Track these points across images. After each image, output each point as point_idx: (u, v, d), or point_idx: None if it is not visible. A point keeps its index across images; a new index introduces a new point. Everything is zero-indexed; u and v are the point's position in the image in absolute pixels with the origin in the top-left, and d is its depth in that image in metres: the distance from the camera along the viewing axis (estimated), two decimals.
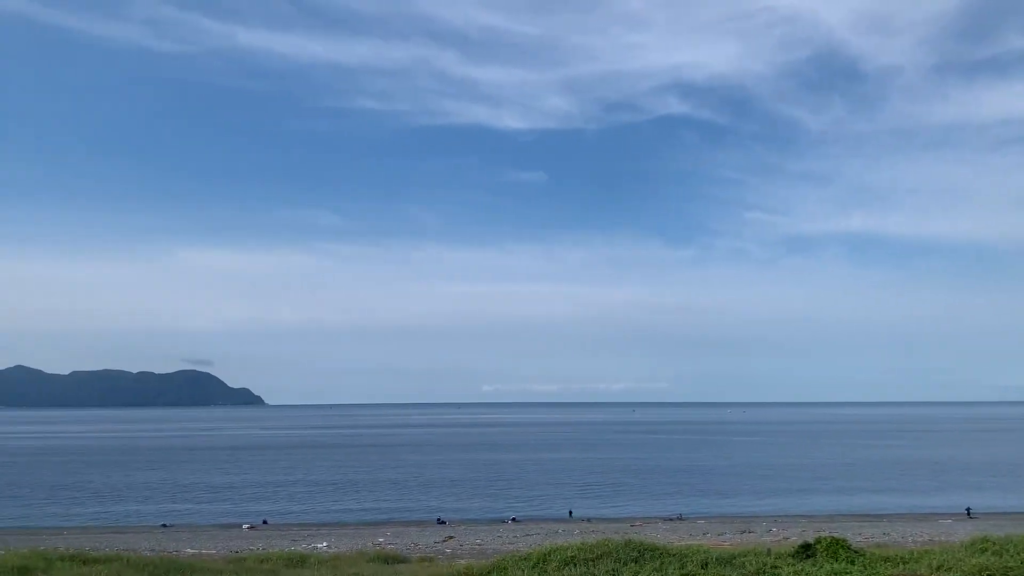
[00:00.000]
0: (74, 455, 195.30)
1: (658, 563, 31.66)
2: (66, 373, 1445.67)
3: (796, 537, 59.74)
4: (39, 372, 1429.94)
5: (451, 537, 71.84)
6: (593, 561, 32.05)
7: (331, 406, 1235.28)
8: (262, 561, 40.39)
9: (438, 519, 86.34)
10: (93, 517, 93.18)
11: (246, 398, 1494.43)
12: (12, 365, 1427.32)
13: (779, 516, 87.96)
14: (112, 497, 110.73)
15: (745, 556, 33.51)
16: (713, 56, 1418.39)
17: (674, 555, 32.71)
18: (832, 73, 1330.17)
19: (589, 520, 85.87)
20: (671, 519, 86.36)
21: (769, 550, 36.24)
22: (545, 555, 33.44)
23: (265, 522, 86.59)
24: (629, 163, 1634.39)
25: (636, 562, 31.95)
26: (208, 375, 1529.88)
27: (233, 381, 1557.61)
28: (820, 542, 36.41)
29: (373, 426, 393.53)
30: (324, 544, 67.26)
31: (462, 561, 42.15)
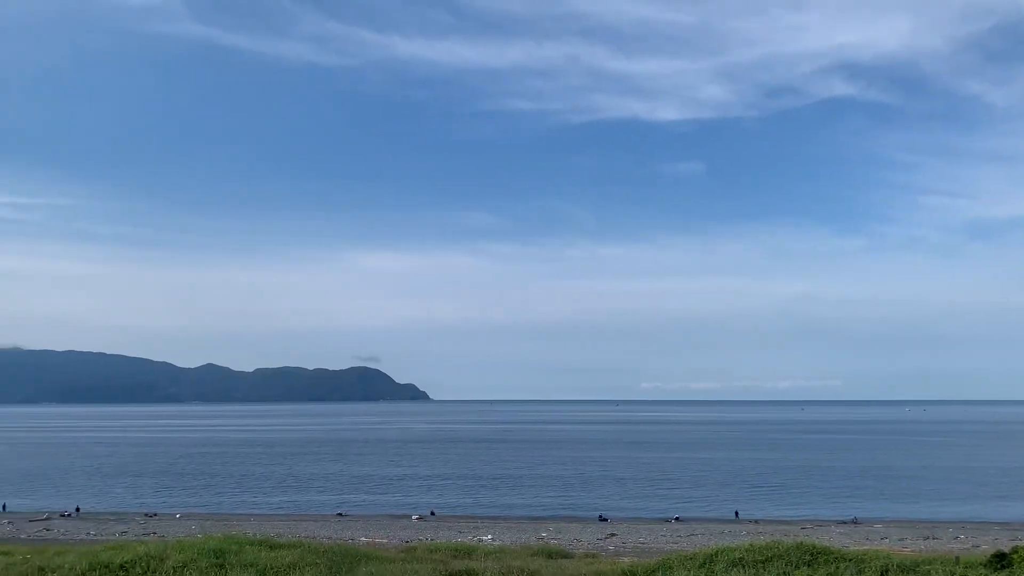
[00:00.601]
0: (260, 447, 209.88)
1: (833, 568, 30.17)
2: (250, 370, 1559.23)
3: (988, 545, 55.27)
4: (227, 370, 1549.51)
5: (613, 535, 71.59)
6: (763, 564, 30.96)
7: (492, 402, 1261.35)
8: (431, 551, 41.77)
9: (600, 516, 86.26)
10: (277, 505, 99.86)
11: (412, 393, 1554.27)
12: (203, 364, 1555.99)
13: (967, 522, 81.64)
14: (294, 487, 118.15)
15: (930, 564, 31.29)
16: (881, 34, 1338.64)
17: (850, 560, 31.05)
18: (1021, 43, 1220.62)
19: (756, 521, 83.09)
20: (845, 522, 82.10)
21: (957, 558, 33.65)
22: (712, 556, 32.63)
23: (433, 513, 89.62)
24: (791, 150, 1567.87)
25: (809, 566, 30.61)
26: (377, 371, 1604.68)
27: (400, 377, 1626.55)
28: (1017, 551, 33.39)
29: (533, 422, 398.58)
30: (489, 536, 68.79)
31: (625, 559, 41.87)
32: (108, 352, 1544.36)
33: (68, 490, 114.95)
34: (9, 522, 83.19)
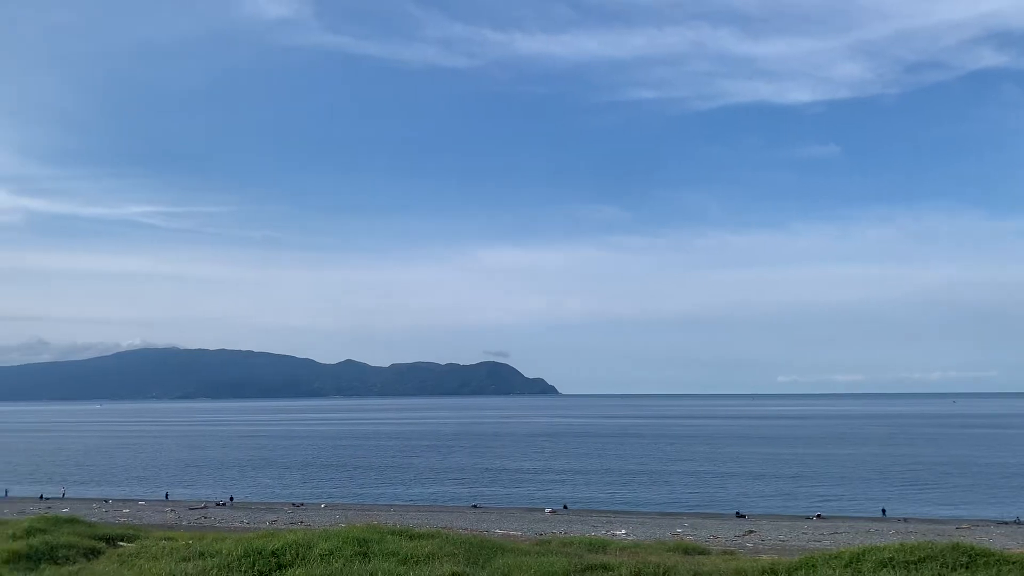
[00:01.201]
0: (397, 440, 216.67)
1: (994, 571, 28.07)
2: (386, 366, 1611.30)
3: None
4: (365, 365, 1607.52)
5: (751, 531, 69.65)
6: (915, 565, 29.19)
7: (622, 396, 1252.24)
8: (565, 545, 41.84)
9: (737, 513, 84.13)
10: (416, 497, 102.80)
11: (541, 387, 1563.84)
12: (343, 360, 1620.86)
13: None
14: (430, 479, 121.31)
15: None
16: None
17: (1014, 563, 28.89)
18: None
19: (906, 520, 78.83)
20: (1007, 523, 76.62)
21: None
22: (858, 555, 31.05)
23: (565, 507, 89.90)
24: (937, 128, 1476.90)
25: (967, 568, 28.63)
26: (506, 366, 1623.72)
27: (529, 371, 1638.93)
28: None
29: (664, 416, 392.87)
30: (623, 531, 68.36)
31: (765, 557, 40.54)
32: (256, 350, 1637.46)
33: (223, 480, 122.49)
34: (172, 510, 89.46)
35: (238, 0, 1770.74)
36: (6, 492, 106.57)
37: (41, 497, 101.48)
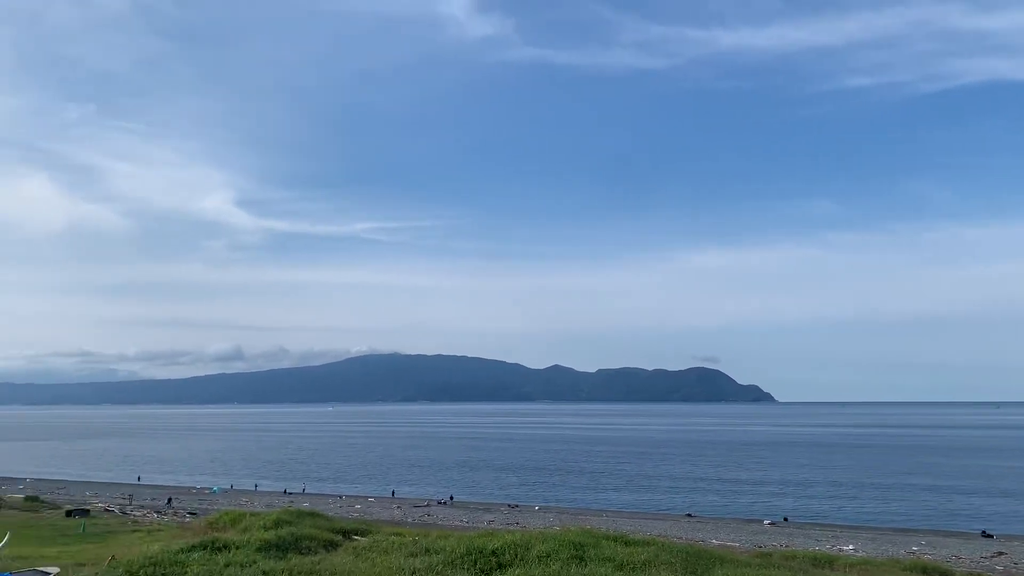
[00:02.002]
0: (607, 445, 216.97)
1: None
2: (593, 371, 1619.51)
3: None
4: (572, 370, 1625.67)
5: (1001, 553, 62.92)
6: None
7: (843, 403, 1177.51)
8: (787, 558, 39.96)
9: (983, 532, 76.36)
10: (628, 502, 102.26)
11: (755, 395, 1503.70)
12: (551, 365, 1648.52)
13: None
14: (643, 486, 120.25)
15: None
16: None
17: None
18: None
19: None
20: None
21: None
22: None
23: (786, 519, 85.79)
24: None
25: None
26: (717, 372, 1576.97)
27: (742, 378, 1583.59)
28: None
29: (892, 425, 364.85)
30: (851, 547, 64.15)
31: None
32: (469, 355, 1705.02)
33: (443, 480, 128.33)
34: (398, 506, 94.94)
35: (444, 24, 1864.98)
36: (256, 486, 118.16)
37: (285, 492, 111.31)
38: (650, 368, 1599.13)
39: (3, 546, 42.81)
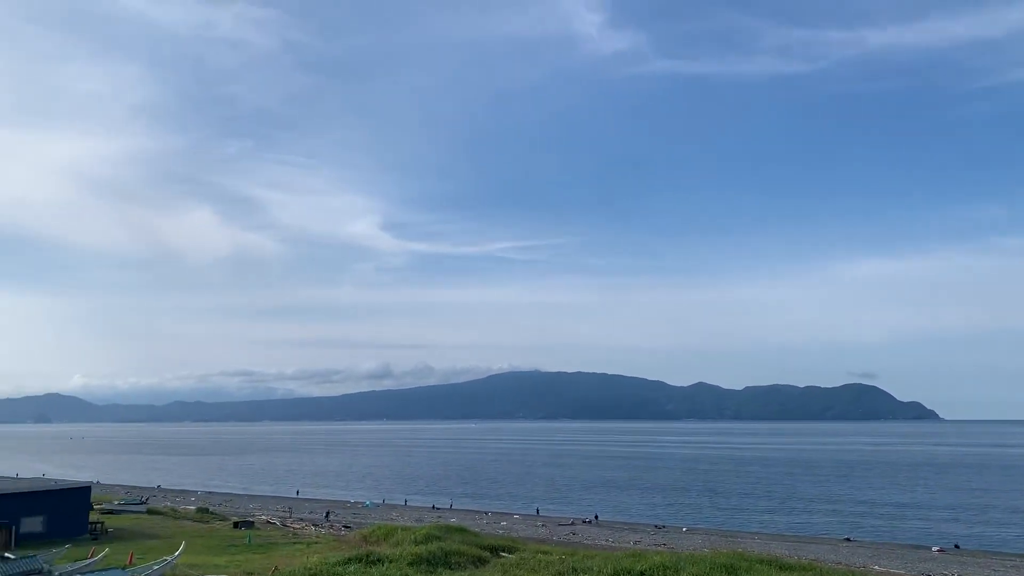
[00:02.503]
0: (756, 465, 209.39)
1: None
2: (740, 388, 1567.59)
3: None
4: (717, 388, 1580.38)
5: None
6: None
7: (1017, 422, 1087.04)
8: None
9: None
10: (781, 525, 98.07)
11: (917, 412, 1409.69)
12: (695, 382, 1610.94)
13: None
14: (797, 508, 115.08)
15: None
16: None
17: None
18: None
19: None
20: None
21: None
22: None
23: (957, 546, 79.77)
24: None
25: None
26: (875, 388, 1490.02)
27: (902, 394, 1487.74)
28: None
29: None
30: None
31: None
32: (609, 373, 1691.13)
33: (587, 499, 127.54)
34: (543, 524, 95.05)
35: (577, 42, 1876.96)
36: (405, 501, 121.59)
37: (433, 507, 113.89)
38: (801, 385, 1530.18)
39: (179, 555, 46.00)
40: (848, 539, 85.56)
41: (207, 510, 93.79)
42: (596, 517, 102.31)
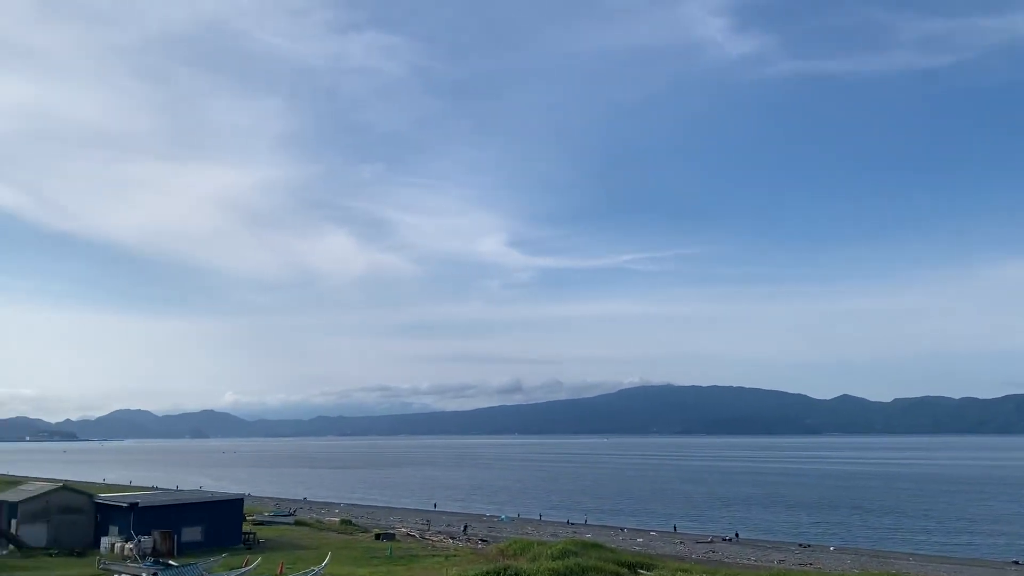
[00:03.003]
0: (910, 482, 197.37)
1: None
2: (888, 400, 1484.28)
3: None
4: (862, 400, 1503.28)
5: None
6: None
7: None
8: None
9: None
10: (941, 546, 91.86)
11: None
12: (839, 395, 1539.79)
13: None
14: (956, 527, 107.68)
15: None
16: None
17: None
18: None
19: None
20: None
21: None
22: None
23: None
24: None
25: None
26: None
27: None
28: None
29: None
30: None
31: None
32: (746, 386, 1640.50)
33: (727, 515, 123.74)
34: (681, 541, 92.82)
35: (700, 48, 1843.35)
36: (540, 515, 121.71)
37: (568, 522, 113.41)
38: (957, 396, 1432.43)
39: (325, 565, 47.65)
40: (1016, 562, 79.10)
41: (350, 522, 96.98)
42: (736, 535, 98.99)
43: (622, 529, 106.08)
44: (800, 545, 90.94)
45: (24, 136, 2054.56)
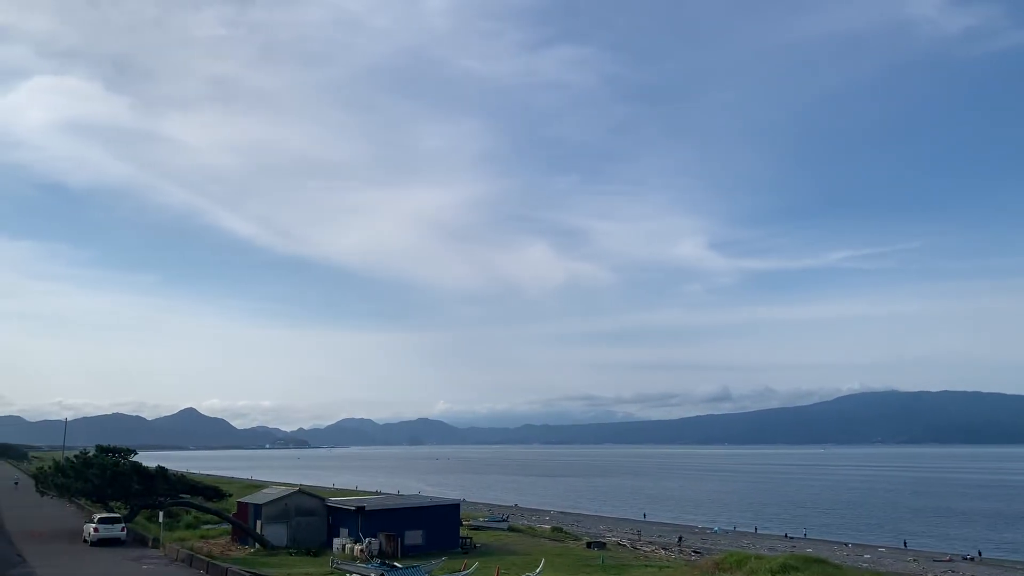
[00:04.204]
0: None
1: None
2: None
3: None
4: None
5: None
6: None
7: None
8: None
9: None
10: None
11: None
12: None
13: None
14: None
15: None
16: None
17: None
18: None
19: None
20: None
21: None
22: None
23: None
24: None
25: None
26: None
27: None
28: None
29: None
30: None
31: None
32: (984, 391, 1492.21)
33: (967, 532, 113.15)
34: (914, 559, 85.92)
35: (914, 26, 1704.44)
36: (755, 528, 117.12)
37: (786, 535, 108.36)
38: None
39: (540, 571, 48.54)
40: None
41: (561, 529, 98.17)
42: (979, 554, 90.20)
43: (846, 544, 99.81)
44: None
45: (254, 171, 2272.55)
